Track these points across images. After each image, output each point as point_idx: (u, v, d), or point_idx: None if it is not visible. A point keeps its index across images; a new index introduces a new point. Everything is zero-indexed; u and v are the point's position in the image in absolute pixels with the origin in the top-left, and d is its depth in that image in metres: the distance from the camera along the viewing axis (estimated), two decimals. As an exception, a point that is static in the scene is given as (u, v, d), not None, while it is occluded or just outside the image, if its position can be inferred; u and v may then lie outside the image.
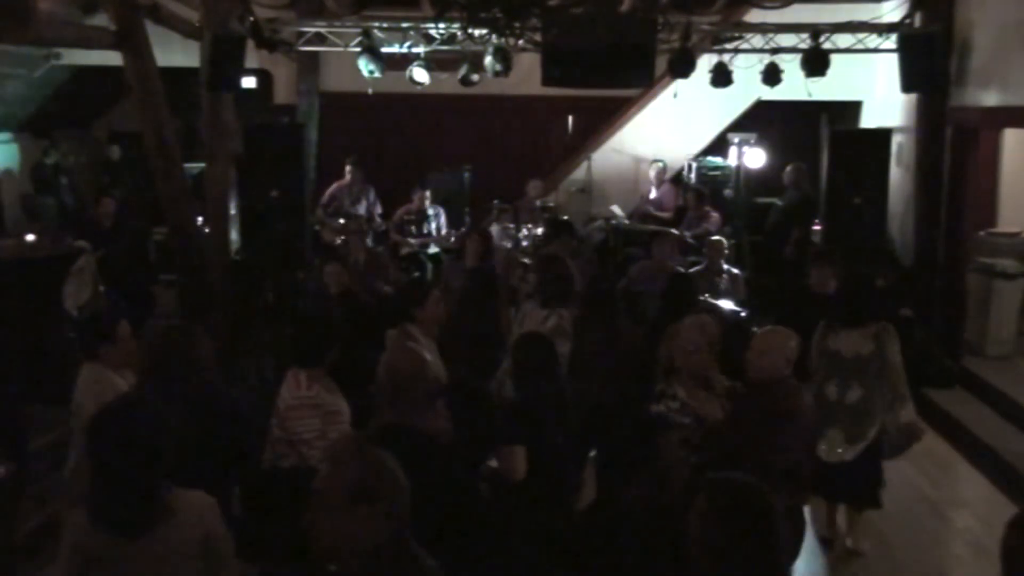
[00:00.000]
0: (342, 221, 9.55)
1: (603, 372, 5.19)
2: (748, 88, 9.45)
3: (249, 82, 9.91)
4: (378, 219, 9.90)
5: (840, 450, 5.12)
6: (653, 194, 10.48)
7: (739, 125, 10.65)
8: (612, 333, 5.47)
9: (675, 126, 10.84)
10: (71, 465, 4.52)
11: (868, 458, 5.16)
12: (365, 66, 8.67)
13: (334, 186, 9.87)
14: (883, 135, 9.08)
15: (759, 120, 10.62)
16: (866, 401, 5.13)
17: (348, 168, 9.76)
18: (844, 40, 8.66)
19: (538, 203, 10.26)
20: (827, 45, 8.49)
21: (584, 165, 10.86)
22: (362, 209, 9.77)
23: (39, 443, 5.59)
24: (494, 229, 9.50)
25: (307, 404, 4.13)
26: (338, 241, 9.43)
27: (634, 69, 7.40)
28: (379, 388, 3.44)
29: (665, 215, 10.29)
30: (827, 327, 5.28)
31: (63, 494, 4.62)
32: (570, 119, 11.82)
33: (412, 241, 9.64)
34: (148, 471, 2.75)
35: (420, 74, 9.06)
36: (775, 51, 8.82)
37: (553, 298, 5.54)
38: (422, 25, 8.67)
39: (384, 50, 8.81)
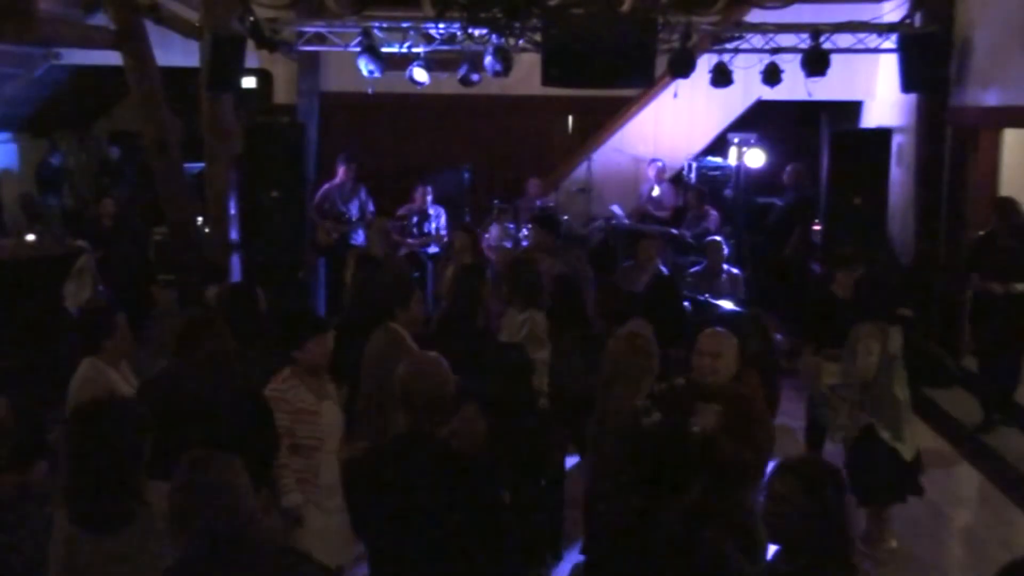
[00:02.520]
0: (329, 224, 9.58)
1: (579, 373, 5.24)
2: (748, 88, 9.44)
3: (249, 82, 9.90)
4: (369, 216, 9.93)
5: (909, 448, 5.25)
6: (655, 193, 10.48)
7: (739, 125, 10.63)
8: (584, 332, 5.51)
9: (675, 126, 10.82)
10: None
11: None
12: (365, 66, 8.66)
13: (326, 186, 9.89)
14: (883, 135, 9.07)
15: (759, 120, 10.61)
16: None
17: (341, 167, 9.80)
18: (844, 40, 8.66)
19: (538, 203, 10.26)
20: (827, 45, 8.48)
21: (584, 165, 10.85)
22: (355, 208, 9.79)
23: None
24: (494, 229, 9.50)
25: (274, 397, 4.14)
26: (334, 236, 9.47)
27: (634, 69, 7.39)
28: (401, 398, 3.33)
29: (665, 215, 10.30)
30: (879, 329, 5.26)
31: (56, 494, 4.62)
32: (570, 119, 11.81)
33: (412, 241, 9.64)
34: (127, 467, 2.79)
35: (420, 74, 9.04)
36: (775, 51, 8.81)
37: (525, 302, 5.57)
38: (422, 25, 8.66)
39: (384, 50, 8.80)
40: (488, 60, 8.60)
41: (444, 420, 3.27)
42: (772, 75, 8.86)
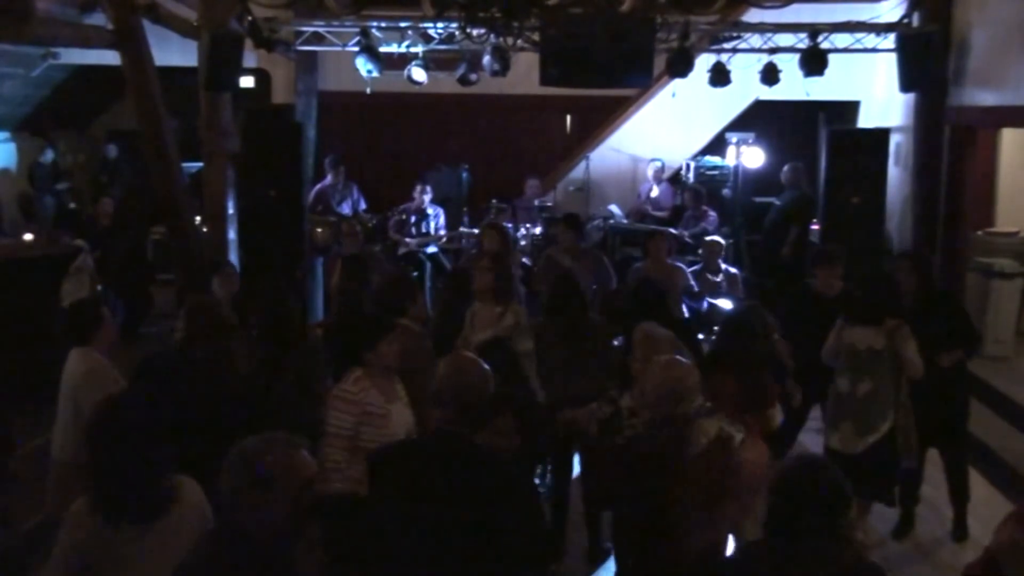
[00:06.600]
0: (323, 222, 9.57)
1: (564, 369, 5.26)
2: (746, 88, 9.45)
3: (247, 81, 9.89)
4: (362, 214, 9.93)
5: (852, 443, 5.19)
6: (653, 193, 10.48)
7: (737, 125, 10.64)
8: (572, 328, 5.48)
9: (673, 126, 10.83)
10: (57, 448, 4.57)
11: (882, 451, 5.20)
12: (363, 65, 8.66)
13: (318, 187, 9.87)
14: (881, 135, 9.08)
15: (757, 120, 10.62)
16: (875, 394, 5.18)
17: (329, 170, 9.79)
18: (842, 40, 8.66)
19: (536, 202, 10.26)
20: (825, 45, 8.49)
21: (582, 164, 10.86)
22: (347, 208, 9.77)
23: (35, 444, 5.58)
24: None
25: (343, 398, 4.17)
26: (317, 234, 9.49)
27: (633, 69, 7.38)
28: (437, 395, 3.21)
29: (663, 215, 10.30)
30: (843, 321, 5.31)
31: (51, 485, 4.66)
32: (568, 118, 11.81)
33: (410, 240, 9.63)
34: (151, 459, 2.82)
35: (418, 73, 9.05)
36: (773, 51, 8.82)
37: (502, 295, 5.68)
38: (420, 24, 8.66)
39: (382, 49, 8.80)
40: (486, 60, 8.61)
41: (479, 422, 3.22)
42: (770, 75, 8.87)
